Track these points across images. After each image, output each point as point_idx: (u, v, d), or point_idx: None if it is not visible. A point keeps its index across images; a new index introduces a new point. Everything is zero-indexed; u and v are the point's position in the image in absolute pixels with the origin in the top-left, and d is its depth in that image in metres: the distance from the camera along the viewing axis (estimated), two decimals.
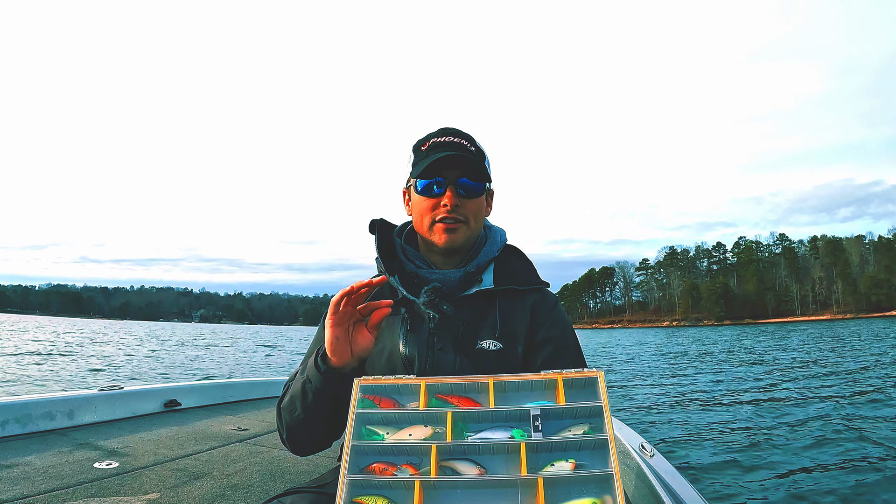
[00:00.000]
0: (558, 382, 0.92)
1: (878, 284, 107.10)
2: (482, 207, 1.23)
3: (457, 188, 1.17)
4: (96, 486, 1.86)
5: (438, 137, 1.19)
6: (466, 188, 1.18)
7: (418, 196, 1.19)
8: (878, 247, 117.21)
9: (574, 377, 0.92)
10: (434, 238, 1.19)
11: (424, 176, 1.17)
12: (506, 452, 0.87)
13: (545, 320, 1.21)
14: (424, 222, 1.20)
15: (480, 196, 1.21)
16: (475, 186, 1.19)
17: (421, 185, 1.18)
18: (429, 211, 1.18)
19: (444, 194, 1.16)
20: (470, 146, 1.19)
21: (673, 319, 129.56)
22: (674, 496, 1.59)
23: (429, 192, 1.17)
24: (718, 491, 4.25)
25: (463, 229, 1.19)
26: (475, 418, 0.90)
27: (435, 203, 1.17)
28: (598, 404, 0.88)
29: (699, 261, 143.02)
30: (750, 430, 6.40)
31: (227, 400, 3.58)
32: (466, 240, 1.21)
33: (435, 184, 1.16)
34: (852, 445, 5.48)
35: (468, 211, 1.19)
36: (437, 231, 1.18)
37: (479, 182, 1.19)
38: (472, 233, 1.21)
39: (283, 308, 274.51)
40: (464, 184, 1.17)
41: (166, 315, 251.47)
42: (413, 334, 1.17)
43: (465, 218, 1.18)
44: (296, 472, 2.18)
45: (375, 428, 0.91)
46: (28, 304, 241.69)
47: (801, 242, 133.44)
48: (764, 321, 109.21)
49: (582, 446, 0.85)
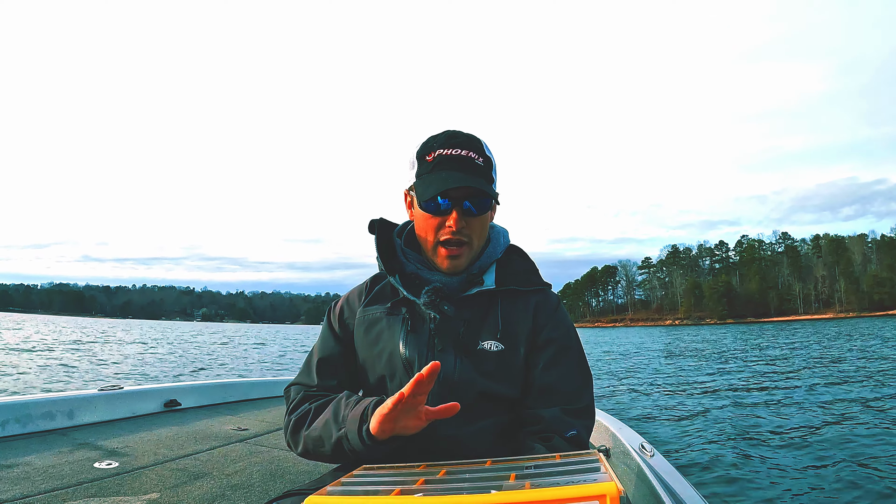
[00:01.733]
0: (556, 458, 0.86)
1: (881, 283, 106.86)
2: (487, 223, 1.20)
3: (462, 211, 1.12)
4: (96, 486, 1.86)
5: (445, 149, 1.13)
6: (472, 211, 1.13)
7: (421, 212, 1.15)
8: (880, 245, 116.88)
9: (573, 459, 0.84)
10: (437, 261, 1.17)
11: (429, 193, 1.11)
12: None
13: (548, 321, 1.19)
14: (428, 239, 1.16)
15: (486, 213, 1.17)
16: (482, 205, 1.14)
17: (425, 204, 1.13)
18: (432, 230, 1.14)
19: (450, 215, 1.12)
20: (478, 158, 1.13)
21: (675, 318, 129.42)
22: (674, 496, 1.58)
23: (434, 210, 1.13)
24: (718, 491, 4.24)
25: (466, 251, 1.16)
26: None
27: (439, 223, 1.13)
28: (593, 460, 0.80)
29: (701, 259, 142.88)
30: (750, 430, 6.39)
31: (227, 400, 3.58)
32: (469, 262, 1.18)
33: (440, 205, 1.12)
34: (855, 445, 5.46)
35: (472, 231, 1.15)
36: (440, 255, 1.15)
37: (486, 200, 1.15)
38: (474, 252, 1.19)
39: (286, 307, 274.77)
40: (469, 209, 1.13)
41: (168, 314, 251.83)
42: (413, 335, 1.15)
43: (468, 239, 1.14)
44: (296, 472, 2.17)
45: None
46: (30, 303, 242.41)
47: (804, 241, 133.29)
48: (766, 320, 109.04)
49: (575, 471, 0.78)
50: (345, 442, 1.02)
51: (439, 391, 1.09)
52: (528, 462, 0.85)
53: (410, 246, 1.26)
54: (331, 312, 1.29)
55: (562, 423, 1.09)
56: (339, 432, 1.03)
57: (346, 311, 1.27)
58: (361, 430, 0.99)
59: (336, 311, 1.28)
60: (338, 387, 1.22)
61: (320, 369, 1.23)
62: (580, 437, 1.10)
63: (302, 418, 1.14)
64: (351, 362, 1.24)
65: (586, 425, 1.14)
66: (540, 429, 1.10)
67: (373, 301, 1.24)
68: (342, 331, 1.25)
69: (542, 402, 1.13)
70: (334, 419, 1.06)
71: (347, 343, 1.24)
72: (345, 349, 1.24)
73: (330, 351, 1.25)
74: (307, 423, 1.12)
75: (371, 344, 1.19)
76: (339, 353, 1.24)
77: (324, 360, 1.24)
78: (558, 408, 1.11)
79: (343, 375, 1.23)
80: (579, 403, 1.14)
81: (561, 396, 1.13)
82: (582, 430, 1.11)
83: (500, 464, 0.86)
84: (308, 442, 1.11)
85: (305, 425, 1.12)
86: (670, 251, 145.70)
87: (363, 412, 1.00)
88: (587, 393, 1.18)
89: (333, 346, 1.25)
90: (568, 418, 1.10)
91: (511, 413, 1.16)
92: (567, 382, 1.15)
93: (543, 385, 1.14)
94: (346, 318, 1.26)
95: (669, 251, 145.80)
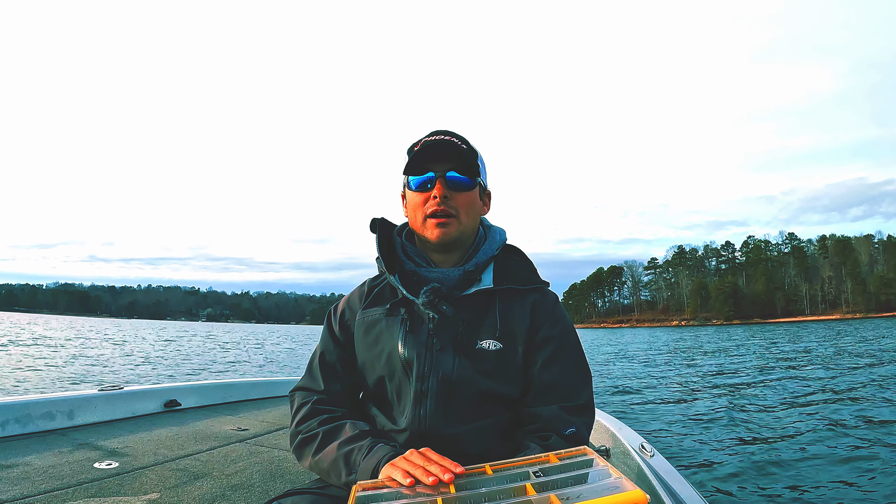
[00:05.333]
0: (551, 458, 0.87)
1: (888, 284, 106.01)
2: (474, 202, 1.22)
3: (446, 181, 1.17)
4: (96, 486, 1.86)
5: (429, 137, 1.20)
6: (455, 181, 1.18)
7: (411, 192, 1.21)
8: (887, 246, 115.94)
9: (565, 456, 0.87)
10: (427, 233, 1.19)
11: (415, 172, 1.18)
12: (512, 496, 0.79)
13: (546, 320, 1.20)
14: (417, 218, 1.20)
15: (471, 190, 1.20)
16: (464, 180, 1.18)
17: (413, 182, 1.19)
18: (420, 206, 1.18)
19: (434, 188, 1.17)
20: (461, 143, 1.19)
21: (682, 319, 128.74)
22: (674, 496, 1.57)
23: (420, 187, 1.18)
24: (718, 491, 4.22)
25: (454, 223, 1.18)
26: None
27: (426, 197, 1.18)
28: (591, 463, 0.83)
29: (707, 260, 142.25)
30: (751, 430, 6.36)
31: (227, 400, 3.59)
32: (459, 234, 1.20)
33: (427, 180, 1.17)
34: (855, 445, 5.42)
35: (458, 204, 1.18)
36: (430, 226, 1.18)
37: (469, 176, 1.19)
38: (464, 227, 1.20)
39: (290, 307, 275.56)
40: (452, 177, 1.17)
41: (173, 314, 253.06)
42: (412, 335, 1.15)
43: (455, 211, 1.17)
44: (296, 472, 2.17)
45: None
46: (35, 302, 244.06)
47: (810, 242, 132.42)
48: (773, 321, 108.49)
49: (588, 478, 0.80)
50: (352, 478, 1.03)
51: (439, 390, 1.10)
52: (530, 464, 0.85)
53: (409, 245, 1.27)
54: (332, 315, 1.30)
55: (561, 421, 1.09)
56: (349, 477, 1.03)
57: (348, 313, 1.28)
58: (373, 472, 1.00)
59: (337, 313, 1.29)
60: (342, 391, 1.23)
61: (324, 374, 1.24)
62: (579, 434, 1.10)
63: (310, 439, 1.14)
64: (353, 365, 1.24)
65: (586, 422, 1.14)
66: (539, 427, 1.10)
67: (372, 303, 1.25)
68: (343, 333, 1.26)
69: (541, 400, 1.13)
70: (345, 462, 1.06)
71: (348, 346, 1.24)
72: (346, 352, 1.25)
73: (332, 354, 1.25)
74: (315, 449, 1.12)
75: (371, 345, 1.20)
76: (341, 356, 1.25)
77: (327, 365, 1.25)
78: (557, 405, 1.11)
79: (346, 379, 1.24)
80: (578, 400, 1.14)
81: (560, 394, 1.13)
82: (581, 427, 1.11)
83: (502, 468, 0.86)
84: (314, 467, 1.12)
85: (313, 450, 1.12)
86: (676, 252, 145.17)
87: (375, 467, 0.99)
88: (586, 390, 1.18)
89: (335, 350, 1.25)
90: (567, 415, 1.10)
91: (510, 412, 1.16)
92: (566, 380, 1.15)
93: (542, 383, 1.14)
94: (347, 321, 1.27)
95: (675, 252, 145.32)
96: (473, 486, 0.81)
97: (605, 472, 0.79)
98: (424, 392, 1.11)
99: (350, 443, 1.08)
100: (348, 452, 1.06)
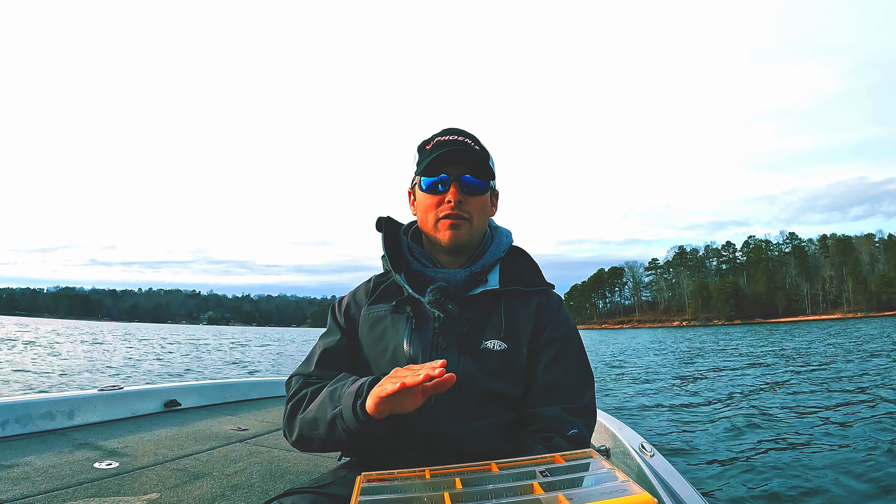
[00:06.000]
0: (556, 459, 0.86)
1: (889, 283, 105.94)
2: (486, 206, 1.23)
3: (460, 185, 1.17)
4: (96, 486, 1.86)
5: (442, 136, 1.20)
6: (470, 185, 1.18)
7: (423, 193, 1.20)
8: (887, 245, 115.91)
9: (570, 458, 0.86)
10: (439, 236, 1.19)
11: (429, 173, 1.18)
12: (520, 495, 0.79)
13: (550, 321, 1.20)
14: (429, 219, 1.20)
15: (484, 194, 1.21)
16: (479, 184, 1.19)
17: (425, 183, 1.19)
18: (433, 208, 1.19)
19: (448, 191, 1.17)
20: (474, 144, 1.19)
21: (683, 319, 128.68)
22: (674, 496, 1.57)
23: (433, 189, 1.18)
24: (718, 491, 4.21)
25: (466, 227, 1.19)
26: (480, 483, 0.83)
27: (439, 200, 1.18)
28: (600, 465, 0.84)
29: (708, 260, 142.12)
30: (751, 430, 6.34)
31: (227, 400, 3.59)
32: (470, 237, 1.20)
33: (440, 182, 1.17)
34: (856, 445, 5.42)
35: (472, 208, 1.19)
36: (442, 228, 1.18)
37: (483, 180, 1.19)
38: (475, 231, 1.21)
39: (291, 310, 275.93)
40: (467, 181, 1.17)
41: (174, 317, 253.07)
42: (417, 333, 1.16)
43: (468, 215, 1.18)
44: (296, 472, 2.17)
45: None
46: (36, 306, 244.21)
47: (811, 241, 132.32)
48: (774, 321, 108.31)
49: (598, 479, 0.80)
50: (339, 421, 1.01)
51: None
52: (536, 464, 0.85)
53: (415, 244, 1.28)
54: (336, 307, 1.30)
55: (563, 422, 1.09)
56: (335, 410, 1.02)
57: (353, 306, 1.28)
58: (356, 405, 0.98)
59: (342, 306, 1.29)
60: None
61: (321, 359, 1.24)
62: (581, 435, 1.10)
63: (298, 403, 1.14)
64: (354, 355, 1.24)
65: (588, 424, 1.14)
66: (541, 427, 1.10)
67: (378, 299, 1.25)
68: (348, 325, 1.26)
69: (544, 400, 1.13)
70: (330, 398, 1.06)
71: (352, 336, 1.25)
72: (349, 342, 1.25)
73: (333, 343, 1.25)
74: (303, 407, 1.12)
75: (376, 341, 1.20)
76: (342, 345, 1.24)
77: (326, 352, 1.25)
78: (560, 406, 1.11)
79: (344, 366, 1.23)
80: (580, 402, 1.14)
81: (562, 395, 1.14)
82: (583, 429, 1.11)
83: (507, 466, 0.85)
84: (303, 426, 1.10)
85: (301, 409, 1.12)
86: (677, 252, 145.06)
87: (358, 388, 1.00)
88: (588, 392, 1.18)
89: (337, 339, 1.25)
90: (569, 417, 1.10)
91: (513, 412, 1.16)
92: (568, 381, 1.16)
93: (545, 384, 1.15)
94: (352, 313, 1.27)
95: (676, 252, 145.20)
96: (479, 482, 0.81)
97: (611, 474, 0.80)
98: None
99: (335, 384, 1.09)
100: (333, 390, 1.06)
